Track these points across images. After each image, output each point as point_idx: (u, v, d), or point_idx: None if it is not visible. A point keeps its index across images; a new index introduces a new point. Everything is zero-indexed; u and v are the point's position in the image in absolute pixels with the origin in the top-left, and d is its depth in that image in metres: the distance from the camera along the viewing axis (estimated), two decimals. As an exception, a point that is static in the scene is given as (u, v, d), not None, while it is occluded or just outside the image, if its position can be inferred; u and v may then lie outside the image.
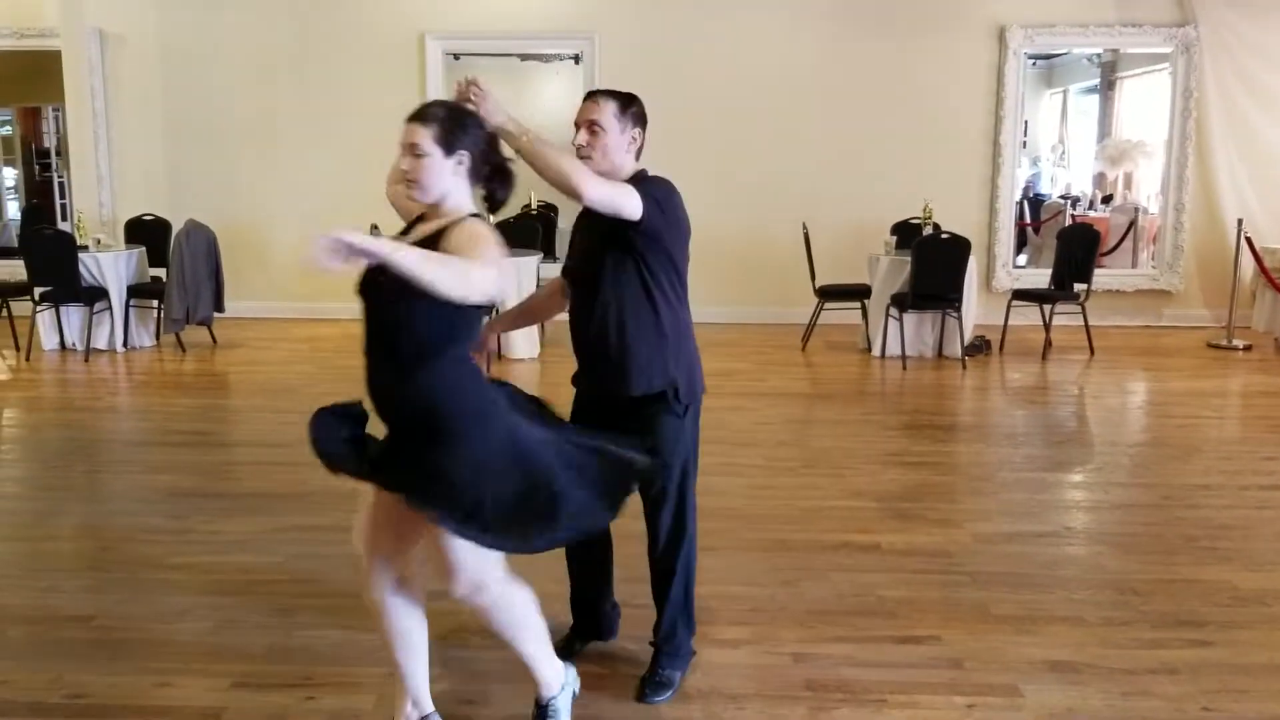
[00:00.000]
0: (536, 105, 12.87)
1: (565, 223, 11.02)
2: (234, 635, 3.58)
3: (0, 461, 6.07)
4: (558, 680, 2.90)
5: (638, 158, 3.09)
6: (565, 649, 3.25)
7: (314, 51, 10.10)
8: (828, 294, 8.96)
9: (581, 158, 2.96)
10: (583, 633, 3.43)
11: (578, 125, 3.03)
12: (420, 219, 2.73)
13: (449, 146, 2.60)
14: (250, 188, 10.10)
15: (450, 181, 2.62)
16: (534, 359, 8.35)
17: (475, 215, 2.59)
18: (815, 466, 5.66)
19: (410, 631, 2.80)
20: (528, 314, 3.64)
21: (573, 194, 2.80)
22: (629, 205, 2.85)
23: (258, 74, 10.13)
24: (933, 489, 5.31)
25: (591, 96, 3.05)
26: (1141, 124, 11.63)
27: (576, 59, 10.67)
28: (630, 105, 3.07)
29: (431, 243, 2.49)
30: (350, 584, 3.97)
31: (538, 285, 8.47)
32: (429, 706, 2.89)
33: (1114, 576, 4.14)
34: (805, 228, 9.05)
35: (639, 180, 3.00)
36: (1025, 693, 3.20)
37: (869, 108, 10.02)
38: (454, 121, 2.64)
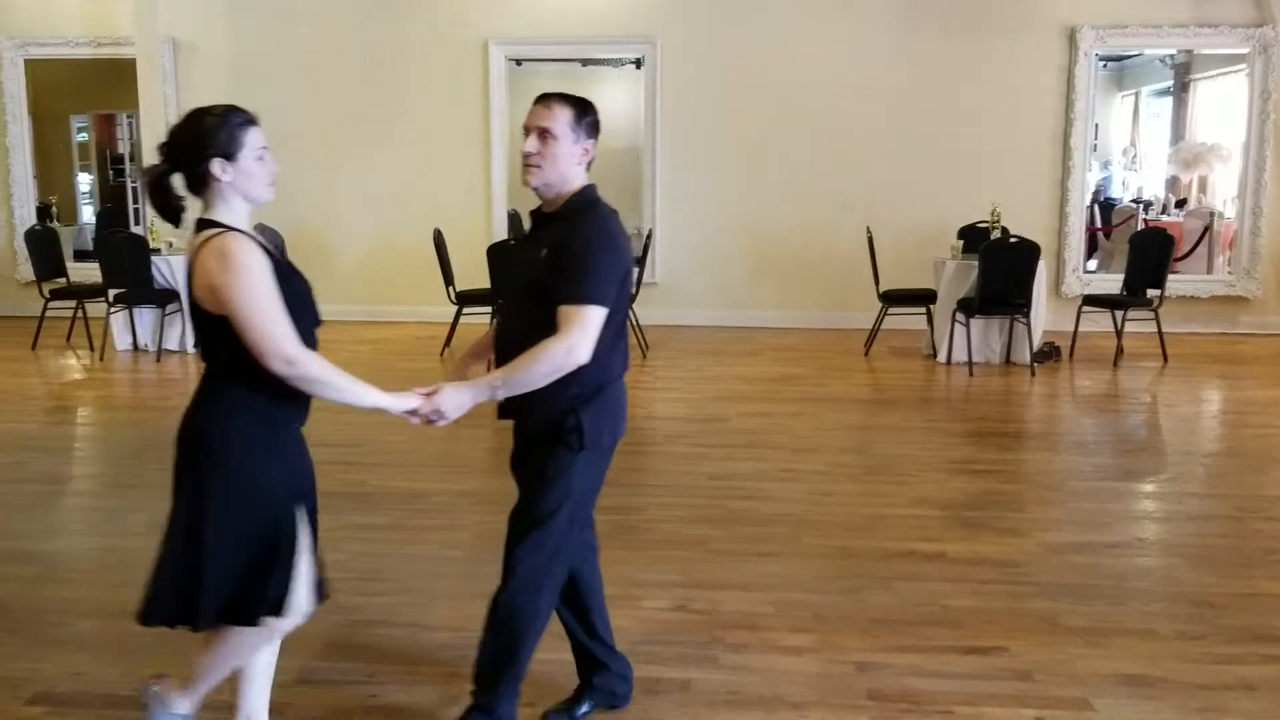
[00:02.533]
0: (597, 110, 12.94)
1: (624, 226, 11.01)
2: (297, 632, 3.57)
3: (74, 459, 6.21)
4: None
5: (588, 169, 2.80)
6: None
7: (379, 59, 10.22)
8: (892, 299, 8.87)
9: (529, 166, 2.72)
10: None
11: (527, 130, 2.75)
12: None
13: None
14: (317, 193, 10.24)
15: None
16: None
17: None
18: (878, 473, 5.60)
19: None
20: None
21: (573, 368, 2.61)
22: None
23: (324, 82, 10.27)
24: (999, 498, 5.23)
25: (544, 100, 2.77)
26: (1216, 127, 11.36)
27: (638, 63, 10.67)
28: (586, 114, 2.79)
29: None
30: (412, 581, 4.01)
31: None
32: None
33: (1188, 589, 4.04)
34: (869, 232, 8.97)
35: (589, 211, 2.74)
36: (1096, 706, 3.12)
37: (935, 110, 9.91)
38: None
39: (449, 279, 8.56)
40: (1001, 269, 8.00)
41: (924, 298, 8.84)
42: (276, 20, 10.28)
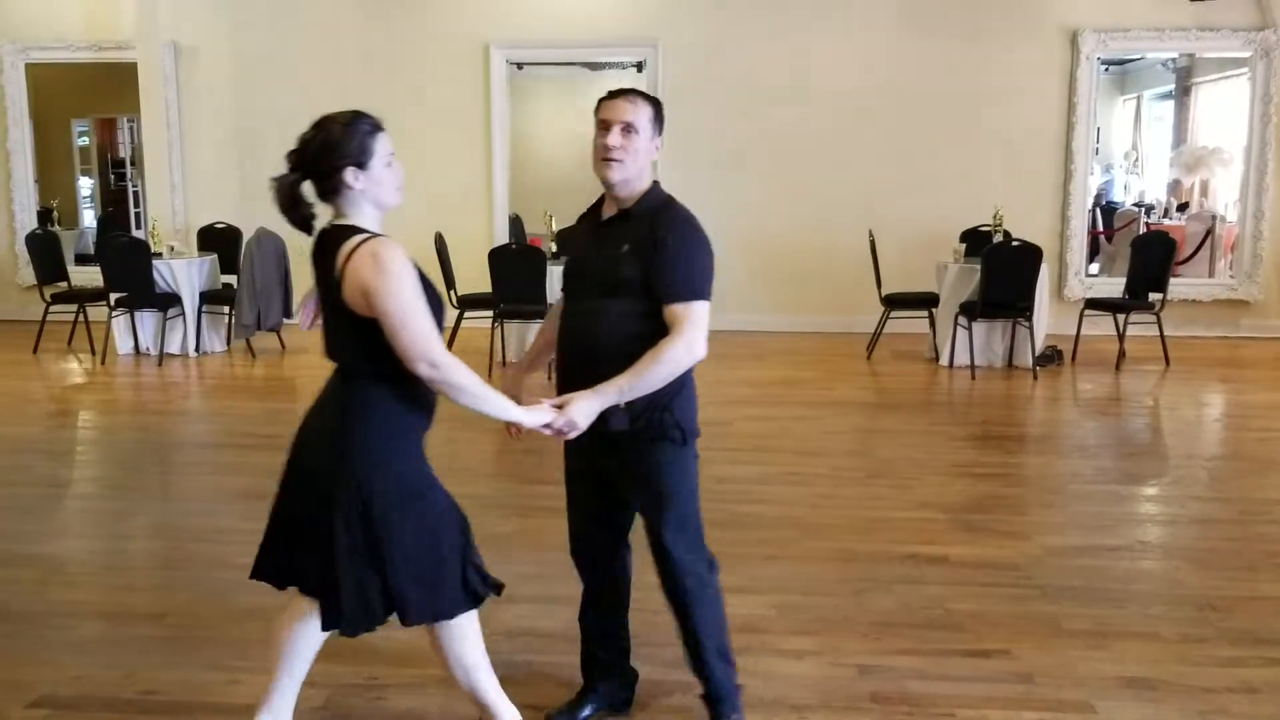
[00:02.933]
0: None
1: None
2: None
3: (77, 463, 6.21)
4: None
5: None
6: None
7: (380, 63, 10.22)
8: (894, 302, 8.87)
9: (611, 160, 2.70)
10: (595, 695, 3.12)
11: (607, 124, 2.71)
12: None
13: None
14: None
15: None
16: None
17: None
18: (881, 477, 5.59)
19: None
20: (546, 352, 3.11)
21: (692, 365, 2.71)
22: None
23: (326, 86, 10.26)
24: (1002, 501, 5.22)
25: (625, 94, 2.75)
26: (1218, 130, 11.36)
27: (639, 66, 10.68)
28: (660, 111, 2.80)
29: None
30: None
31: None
32: None
33: (1191, 592, 4.03)
34: (871, 235, 8.97)
35: (671, 207, 2.78)
36: (1098, 709, 3.12)
37: (937, 113, 9.91)
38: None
39: (450, 283, 8.56)
40: (1004, 272, 8.00)
41: (926, 301, 8.84)
42: (278, 24, 10.29)
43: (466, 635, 2.72)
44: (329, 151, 2.48)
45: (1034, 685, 3.27)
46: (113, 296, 8.67)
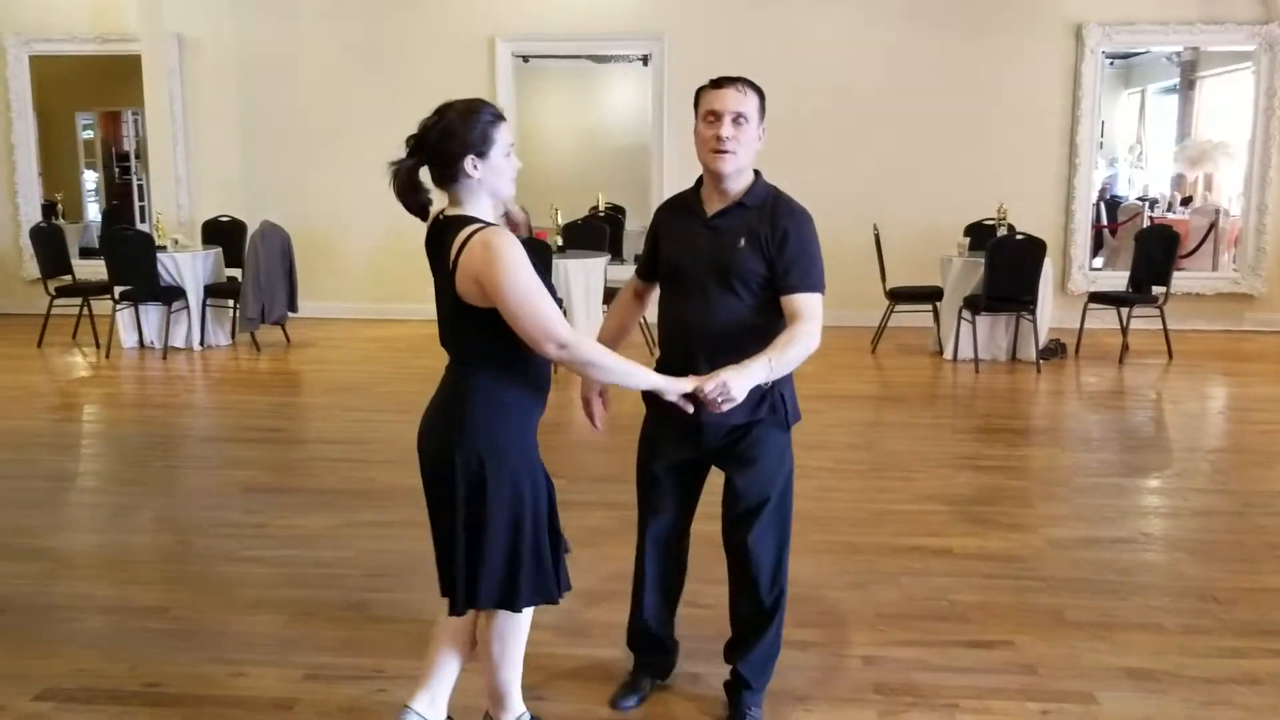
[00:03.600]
0: (605, 107, 12.94)
1: (632, 225, 11.03)
2: (307, 628, 3.63)
3: (81, 456, 6.23)
4: None
5: None
6: (633, 687, 3.15)
7: (386, 56, 10.22)
8: (899, 296, 8.87)
9: (722, 152, 2.73)
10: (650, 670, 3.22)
11: (717, 114, 2.73)
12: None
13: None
14: (323, 190, 10.24)
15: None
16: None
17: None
18: (885, 469, 5.60)
19: None
20: (620, 337, 3.15)
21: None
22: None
23: (331, 78, 10.28)
24: (1005, 493, 5.23)
25: (734, 84, 2.78)
26: (1222, 124, 11.34)
27: (645, 60, 10.68)
28: (764, 100, 2.85)
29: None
30: (421, 578, 4.02)
31: (605, 287, 8.48)
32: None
33: (1194, 584, 4.04)
34: (876, 229, 8.96)
35: (785, 199, 2.87)
36: (1101, 700, 3.13)
37: (942, 107, 9.89)
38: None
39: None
40: (1008, 266, 8.00)
41: (930, 295, 8.84)
42: (283, 16, 10.28)
43: (520, 629, 2.71)
44: (451, 139, 2.47)
45: (1037, 676, 3.28)
46: (117, 290, 8.67)
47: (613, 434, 3.49)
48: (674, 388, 2.58)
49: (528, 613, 2.67)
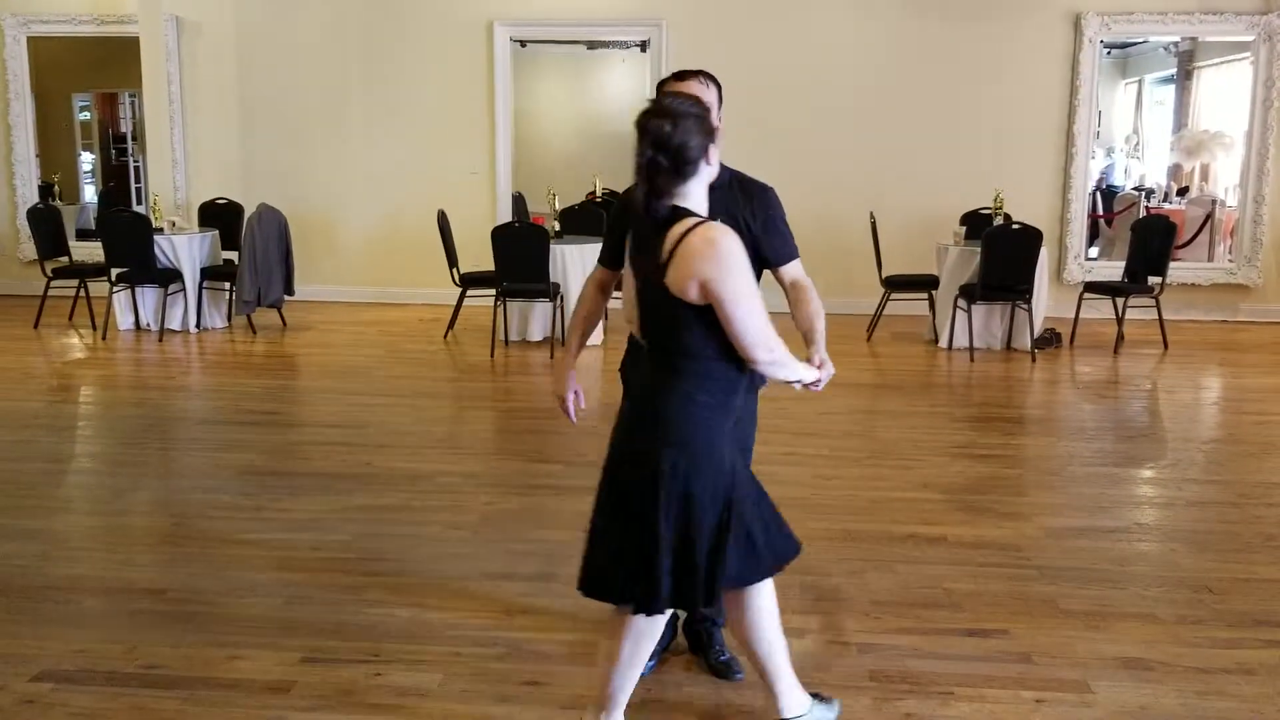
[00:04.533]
0: (603, 92, 12.91)
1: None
2: (303, 611, 3.63)
3: (77, 438, 6.22)
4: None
5: None
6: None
7: (384, 39, 10.18)
8: (894, 284, 8.87)
9: None
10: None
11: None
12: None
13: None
14: (320, 173, 10.22)
15: None
16: (599, 345, 8.22)
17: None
18: (881, 457, 5.61)
19: None
20: (589, 331, 3.18)
21: None
22: None
23: (329, 61, 10.24)
24: (1001, 482, 5.24)
25: (695, 76, 2.88)
26: (1220, 115, 11.33)
27: (643, 46, 10.65)
28: (722, 91, 2.93)
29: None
30: (418, 562, 4.03)
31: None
32: None
33: (1188, 574, 4.05)
34: (872, 217, 8.96)
35: (747, 179, 3.00)
36: (1096, 689, 3.14)
37: (939, 96, 9.88)
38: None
39: (453, 261, 8.55)
40: (1004, 255, 8.00)
41: (926, 283, 8.84)
42: None
43: (764, 605, 2.74)
44: (693, 137, 2.45)
45: (1032, 665, 3.30)
46: (114, 272, 8.66)
47: (608, 421, 3.48)
48: (810, 376, 2.69)
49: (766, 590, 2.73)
